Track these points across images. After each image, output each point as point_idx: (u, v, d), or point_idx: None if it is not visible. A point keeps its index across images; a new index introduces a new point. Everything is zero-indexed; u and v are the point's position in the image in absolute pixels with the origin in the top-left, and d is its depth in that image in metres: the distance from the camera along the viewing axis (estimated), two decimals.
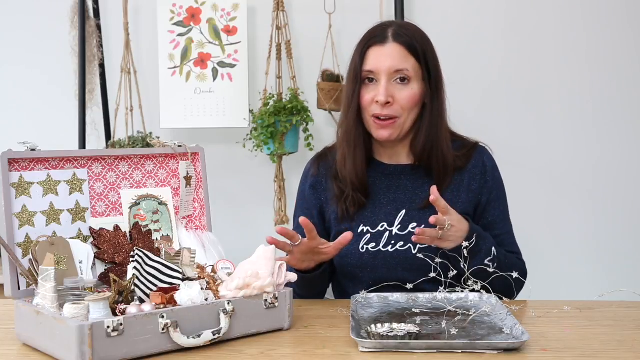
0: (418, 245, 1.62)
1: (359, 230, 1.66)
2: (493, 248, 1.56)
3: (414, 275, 1.56)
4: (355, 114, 1.66)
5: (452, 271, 1.43)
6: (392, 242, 1.64)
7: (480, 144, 1.75)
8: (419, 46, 1.62)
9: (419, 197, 1.67)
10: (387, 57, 1.61)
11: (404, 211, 1.66)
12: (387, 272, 1.62)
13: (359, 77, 1.64)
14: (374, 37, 1.64)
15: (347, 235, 1.49)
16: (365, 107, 1.64)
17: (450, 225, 1.50)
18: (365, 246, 1.65)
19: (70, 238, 1.42)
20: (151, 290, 1.31)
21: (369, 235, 1.66)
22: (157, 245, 1.50)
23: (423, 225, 1.61)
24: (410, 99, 1.62)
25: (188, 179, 1.59)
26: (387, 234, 1.65)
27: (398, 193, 1.69)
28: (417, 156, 1.68)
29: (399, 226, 1.65)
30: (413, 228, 1.63)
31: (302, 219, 1.46)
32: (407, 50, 1.62)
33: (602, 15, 3.01)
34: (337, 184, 1.70)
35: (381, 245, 1.64)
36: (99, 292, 1.29)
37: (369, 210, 1.68)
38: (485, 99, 3.03)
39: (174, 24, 2.91)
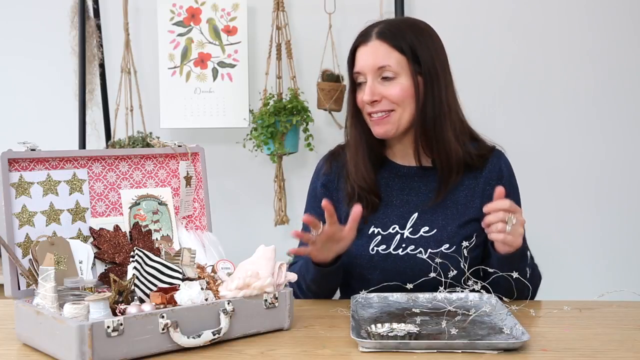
0: (429, 250, 1.60)
1: (370, 232, 1.64)
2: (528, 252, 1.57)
3: (421, 278, 1.52)
4: (353, 117, 1.67)
5: (453, 271, 1.43)
6: (403, 245, 1.62)
7: (498, 147, 1.71)
8: (404, 40, 1.59)
9: (432, 200, 1.65)
10: (369, 55, 1.60)
11: (416, 214, 1.64)
12: (396, 275, 1.59)
13: (352, 80, 1.66)
14: (360, 37, 1.64)
15: (357, 210, 1.47)
16: (361, 108, 1.65)
17: (516, 219, 1.45)
18: (375, 248, 1.63)
19: (70, 238, 1.42)
20: (151, 290, 1.31)
21: (379, 237, 1.64)
22: (157, 245, 1.50)
23: (436, 230, 1.62)
24: (398, 94, 1.59)
25: (188, 179, 1.59)
26: (398, 236, 1.63)
27: (411, 195, 1.67)
28: (416, 144, 1.64)
29: (411, 229, 1.63)
30: (425, 232, 1.62)
31: (324, 203, 1.45)
32: (390, 45, 1.59)
33: (608, 17, 3.00)
34: (349, 184, 1.68)
35: (392, 247, 1.62)
36: (99, 292, 1.29)
37: (381, 211, 1.66)
38: (486, 100, 3.03)
39: (174, 24, 2.91)
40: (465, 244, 1.48)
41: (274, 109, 2.77)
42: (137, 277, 1.31)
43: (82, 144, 2.94)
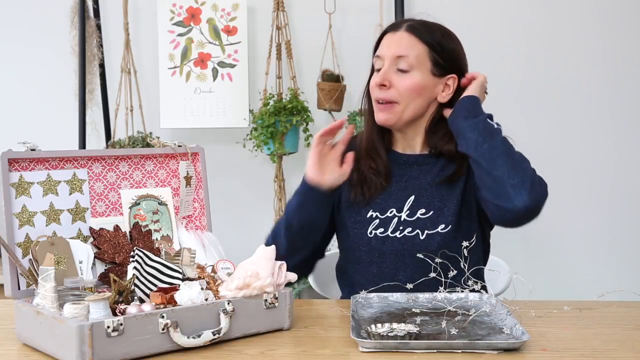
0: (426, 231, 1.62)
1: (368, 216, 1.67)
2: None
3: (420, 263, 1.53)
4: (368, 103, 1.70)
5: (452, 271, 1.43)
6: (400, 227, 1.64)
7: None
8: (433, 39, 1.63)
9: (429, 183, 1.67)
10: (392, 43, 1.63)
11: (413, 197, 1.66)
12: (395, 258, 1.63)
13: (372, 64, 1.67)
14: (390, 26, 1.68)
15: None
16: (371, 91, 1.67)
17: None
18: (373, 231, 1.66)
19: (70, 238, 1.42)
20: (151, 290, 1.31)
21: (377, 221, 1.66)
22: (157, 245, 1.50)
23: (432, 212, 1.63)
24: (408, 87, 1.61)
25: (188, 179, 1.59)
26: (395, 220, 1.65)
27: (409, 181, 1.69)
28: (435, 149, 1.68)
29: (408, 212, 1.65)
30: (422, 214, 1.64)
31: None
32: (416, 38, 1.62)
33: (618, 16, 3.00)
34: (360, 169, 1.69)
35: (389, 230, 1.65)
36: (99, 292, 1.29)
37: (379, 197, 1.69)
38: (486, 99, 3.02)
39: (174, 24, 2.91)
40: (465, 244, 1.48)
41: (274, 109, 2.77)
42: (137, 277, 1.31)
43: (82, 144, 2.95)
